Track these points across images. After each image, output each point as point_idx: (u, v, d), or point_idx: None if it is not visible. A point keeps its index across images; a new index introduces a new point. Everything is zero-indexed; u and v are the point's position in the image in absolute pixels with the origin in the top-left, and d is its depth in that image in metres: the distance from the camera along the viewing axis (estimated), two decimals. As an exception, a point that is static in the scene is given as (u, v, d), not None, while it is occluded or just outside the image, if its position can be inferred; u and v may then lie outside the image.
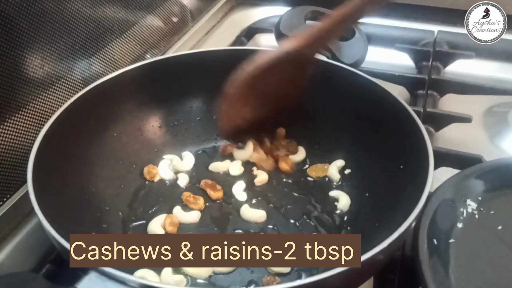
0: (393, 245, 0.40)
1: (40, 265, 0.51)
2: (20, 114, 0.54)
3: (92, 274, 0.37)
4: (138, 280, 0.37)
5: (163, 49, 0.81)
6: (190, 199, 0.57)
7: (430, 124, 0.66)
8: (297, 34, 0.53)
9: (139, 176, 0.60)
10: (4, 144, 0.52)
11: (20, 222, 0.55)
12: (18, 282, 0.37)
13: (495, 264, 0.46)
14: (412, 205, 0.42)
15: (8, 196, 0.54)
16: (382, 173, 0.55)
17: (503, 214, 0.51)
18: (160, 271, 0.48)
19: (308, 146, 0.63)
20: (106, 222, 0.53)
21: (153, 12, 0.77)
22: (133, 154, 0.61)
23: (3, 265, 0.52)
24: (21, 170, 0.55)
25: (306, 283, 0.37)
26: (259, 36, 0.92)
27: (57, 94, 0.59)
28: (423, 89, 0.73)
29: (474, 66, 0.81)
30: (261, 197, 0.58)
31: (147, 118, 0.63)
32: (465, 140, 0.67)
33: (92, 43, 0.64)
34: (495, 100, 0.74)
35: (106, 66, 0.67)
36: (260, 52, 0.54)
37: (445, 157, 0.59)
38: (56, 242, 0.40)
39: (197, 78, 0.64)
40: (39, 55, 0.56)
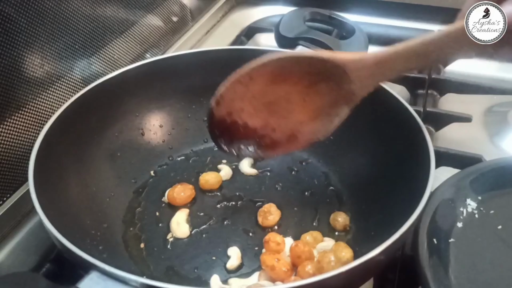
0: (393, 246, 0.40)
1: (40, 265, 0.51)
2: (20, 114, 0.54)
3: (94, 273, 0.37)
4: (140, 280, 0.37)
5: (163, 49, 0.81)
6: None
7: (430, 123, 0.66)
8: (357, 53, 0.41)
9: (140, 175, 0.60)
10: (4, 143, 0.52)
11: (20, 221, 0.55)
12: (18, 282, 0.37)
13: (495, 264, 0.47)
14: (413, 205, 0.42)
15: (8, 196, 0.54)
16: (382, 173, 0.55)
17: (503, 213, 0.51)
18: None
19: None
20: (107, 222, 0.53)
21: (153, 12, 0.77)
22: (134, 153, 0.61)
23: (3, 265, 0.52)
24: (21, 169, 0.55)
25: (306, 283, 0.37)
26: (259, 36, 0.92)
27: (57, 94, 0.59)
28: (423, 89, 0.73)
29: (474, 66, 0.81)
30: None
31: (147, 118, 0.63)
32: (465, 140, 0.67)
33: (92, 43, 0.64)
34: (495, 100, 0.74)
35: (106, 65, 0.67)
36: (279, 53, 0.43)
37: (445, 157, 0.59)
38: (57, 241, 0.40)
39: (197, 78, 0.64)
40: (39, 54, 0.56)
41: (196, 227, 0.55)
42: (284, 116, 0.45)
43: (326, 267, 0.45)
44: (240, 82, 0.43)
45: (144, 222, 0.55)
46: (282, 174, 0.61)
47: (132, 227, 0.55)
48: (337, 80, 0.41)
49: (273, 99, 0.44)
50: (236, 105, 0.46)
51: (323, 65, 0.41)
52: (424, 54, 0.41)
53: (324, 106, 0.43)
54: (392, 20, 0.92)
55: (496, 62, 0.82)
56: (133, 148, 0.61)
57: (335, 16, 0.74)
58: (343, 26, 0.74)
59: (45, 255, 0.53)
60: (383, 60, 0.40)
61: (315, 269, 0.46)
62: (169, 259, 0.51)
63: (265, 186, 0.60)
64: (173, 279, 0.49)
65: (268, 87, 0.43)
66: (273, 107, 0.44)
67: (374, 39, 0.82)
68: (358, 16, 0.90)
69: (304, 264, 0.47)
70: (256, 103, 0.44)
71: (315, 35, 0.67)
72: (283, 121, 0.46)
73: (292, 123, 0.45)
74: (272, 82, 0.42)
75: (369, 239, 0.49)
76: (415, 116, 0.51)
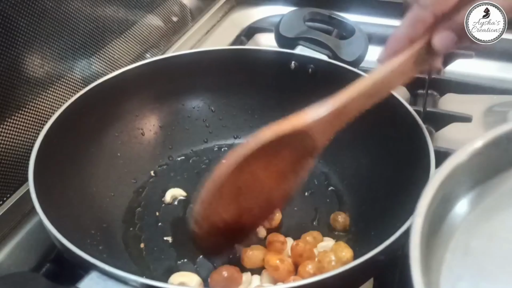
0: (393, 246, 0.40)
1: (40, 265, 0.51)
2: (20, 114, 0.54)
3: (94, 273, 0.38)
4: (140, 280, 0.37)
5: (163, 49, 0.81)
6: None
7: (430, 123, 0.66)
8: (311, 108, 0.41)
9: (140, 175, 0.60)
10: (4, 143, 0.52)
11: (20, 221, 0.55)
12: (18, 282, 0.37)
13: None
14: (413, 205, 0.42)
15: (8, 196, 0.54)
16: (382, 173, 0.55)
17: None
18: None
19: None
20: (107, 222, 0.53)
21: (153, 12, 0.77)
22: (134, 153, 0.61)
23: (3, 265, 0.52)
24: (21, 169, 0.55)
25: (306, 283, 0.37)
26: (259, 36, 0.92)
27: (57, 94, 0.59)
28: (423, 89, 0.73)
29: (474, 66, 0.81)
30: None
31: (147, 118, 0.63)
32: (465, 140, 0.66)
33: (92, 43, 0.64)
34: (495, 100, 0.74)
35: (106, 65, 0.67)
36: (255, 137, 0.40)
37: (445, 157, 0.59)
38: (57, 241, 0.40)
39: (197, 78, 0.64)
40: (39, 54, 0.56)
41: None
42: (256, 195, 0.44)
43: (327, 266, 0.45)
44: (213, 195, 0.42)
45: (144, 222, 0.55)
46: (282, 174, 0.61)
47: (132, 227, 0.55)
48: (298, 141, 0.41)
49: (242, 186, 0.42)
50: (214, 215, 0.44)
51: (286, 137, 0.40)
52: (376, 93, 0.42)
53: (290, 167, 0.43)
54: (392, 20, 0.92)
55: (496, 62, 0.82)
56: (133, 148, 0.61)
57: (335, 16, 0.74)
58: (343, 26, 0.74)
59: (45, 255, 0.53)
60: (340, 109, 0.41)
61: (316, 268, 0.46)
62: (169, 259, 0.51)
63: (265, 186, 0.60)
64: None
65: (236, 180, 0.41)
66: (244, 193, 0.43)
67: (374, 39, 0.82)
68: (358, 16, 0.90)
69: (304, 264, 0.47)
70: (229, 199, 0.43)
71: (315, 35, 0.67)
72: (257, 199, 0.45)
73: (264, 195, 0.45)
74: (239, 175, 0.41)
75: (369, 239, 0.49)
76: (415, 116, 0.51)
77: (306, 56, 0.63)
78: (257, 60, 0.64)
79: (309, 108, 0.41)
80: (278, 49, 0.68)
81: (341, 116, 0.42)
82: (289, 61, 0.63)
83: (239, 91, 0.66)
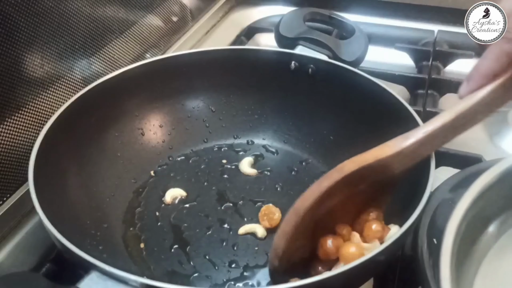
0: (393, 245, 0.40)
1: (40, 265, 0.51)
2: (20, 114, 0.54)
3: (94, 273, 0.37)
4: (140, 280, 0.37)
5: (163, 49, 0.81)
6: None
7: (430, 123, 0.66)
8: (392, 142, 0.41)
9: (140, 175, 0.60)
10: (4, 143, 0.52)
11: (20, 221, 0.55)
12: (18, 282, 0.37)
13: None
14: (413, 205, 0.42)
15: (8, 196, 0.54)
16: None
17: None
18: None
19: (308, 145, 0.63)
20: (107, 222, 0.53)
21: (153, 12, 0.77)
22: (134, 153, 0.61)
23: (3, 265, 0.52)
24: (21, 169, 0.55)
25: (306, 283, 0.37)
26: (259, 36, 0.92)
27: (57, 94, 0.59)
28: (423, 89, 0.73)
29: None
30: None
31: (147, 118, 0.63)
32: (465, 140, 0.66)
33: (92, 43, 0.64)
34: (495, 100, 0.74)
35: (106, 65, 0.67)
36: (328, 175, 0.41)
37: (445, 157, 0.59)
38: (57, 241, 0.40)
39: (197, 78, 0.64)
40: (39, 54, 0.56)
41: (196, 226, 0.55)
42: (330, 229, 0.44)
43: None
44: (297, 230, 0.41)
45: (144, 222, 0.55)
46: (282, 174, 0.61)
47: (132, 227, 0.55)
48: (379, 173, 0.42)
49: (320, 221, 0.42)
50: (296, 252, 0.43)
51: (368, 168, 0.41)
52: (460, 126, 0.43)
53: (366, 201, 0.44)
54: (392, 20, 0.92)
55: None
56: (133, 148, 0.61)
57: (335, 16, 0.74)
58: (343, 26, 0.74)
59: (45, 255, 0.53)
60: (422, 143, 0.42)
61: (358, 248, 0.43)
62: (169, 259, 0.51)
63: (265, 186, 0.60)
64: (173, 279, 0.49)
65: (316, 216, 0.42)
66: (321, 226, 0.43)
67: (374, 39, 0.82)
68: (358, 16, 0.90)
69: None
70: (307, 233, 0.43)
71: (315, 35, 0.67)
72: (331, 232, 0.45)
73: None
74: (319, 210, 0.41)
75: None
76: (415, 116, 0.51)
77: (306, 56, 0.63)
78: (257, 60, 0.64)
79: (391, 140, 0.43)
80: (278, 49, 0.68)
81: (422, 148, 0.42)
82: (289, 61, 0.63)
83: (239, 91, 0.66)
